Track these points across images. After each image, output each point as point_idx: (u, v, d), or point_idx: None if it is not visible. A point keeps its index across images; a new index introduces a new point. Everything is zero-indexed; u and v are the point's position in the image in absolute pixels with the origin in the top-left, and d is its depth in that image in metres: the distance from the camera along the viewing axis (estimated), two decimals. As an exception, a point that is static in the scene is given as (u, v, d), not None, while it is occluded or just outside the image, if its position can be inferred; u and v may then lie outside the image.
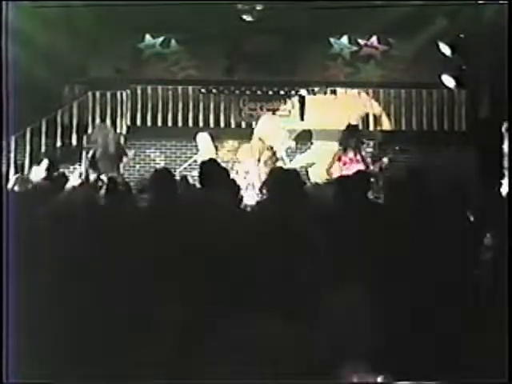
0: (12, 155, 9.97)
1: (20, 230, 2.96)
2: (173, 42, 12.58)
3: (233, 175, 9.32)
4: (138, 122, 11.71)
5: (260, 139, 9.68)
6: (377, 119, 11.86)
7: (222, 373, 2.23)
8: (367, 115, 11.82)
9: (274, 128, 10.15)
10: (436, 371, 2.58)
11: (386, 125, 11.90)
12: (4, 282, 2.70)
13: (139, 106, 11.70)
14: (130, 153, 9.18)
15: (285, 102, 12.01)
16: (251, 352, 2.25)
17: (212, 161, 5.06)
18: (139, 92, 11.73)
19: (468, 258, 4.09)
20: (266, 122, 10.35)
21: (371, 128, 11.72)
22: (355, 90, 11.95)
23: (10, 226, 2.99)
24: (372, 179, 6.08)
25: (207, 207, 3.30)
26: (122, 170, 8.97)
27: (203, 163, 4.81)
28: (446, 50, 10.45)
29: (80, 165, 8.71)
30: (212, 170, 4.62)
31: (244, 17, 10.61)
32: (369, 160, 9.61)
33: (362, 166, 8.86)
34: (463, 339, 2.93)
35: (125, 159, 7.95)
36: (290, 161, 10.48)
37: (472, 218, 4.56)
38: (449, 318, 3.17)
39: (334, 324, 2.43)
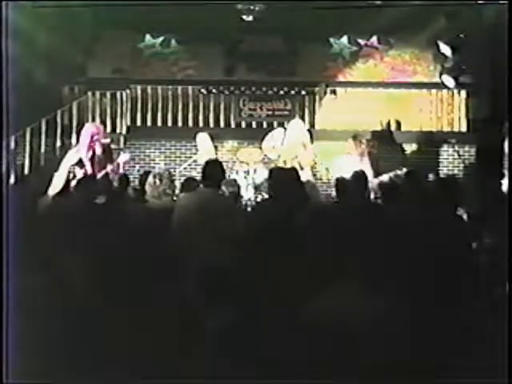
0: (12, 155, 9.95)
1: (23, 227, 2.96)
2: (173, 42, 12.60)
3: (233, 175, 9.35)
4: (138, 122, 11.70)
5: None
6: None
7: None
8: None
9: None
10: (436, 371, 2.58)
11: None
12: (4, 282, 2.70)
13: (139, 106, 11.70)
14: (123, 157, 8.97)
15: (285, 102, 11.97)
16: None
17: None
18: (139, 92, 11.73)
19: (468, 258, 4.09)
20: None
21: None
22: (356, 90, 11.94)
23: (11, 223, 2.99)
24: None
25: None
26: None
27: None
28: (446, 50, 10.45)
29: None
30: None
31: (244, 17, 10.62)
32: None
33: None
34: (463, 339, 2.93)
35: (109, 167, 7.91)
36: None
37: (472, 218, 4.57)
38: (448, 318, 3.17)
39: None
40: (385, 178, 8.85)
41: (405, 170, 8.89)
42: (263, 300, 2.75)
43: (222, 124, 11.72)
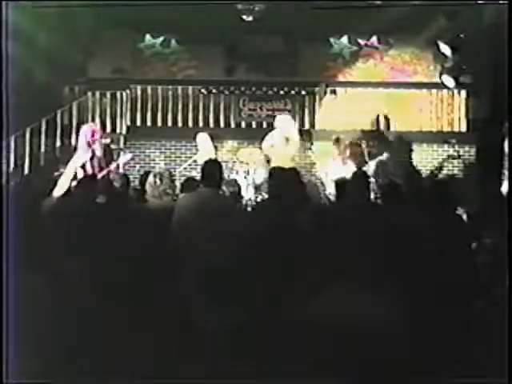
0: (12, 155, 9.95)
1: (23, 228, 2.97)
2: (173, 42, 12.59)
3: (233, 175, 9.34)
4: (138, 122, 11.71)
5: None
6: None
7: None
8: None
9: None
10: (436, 371, 2.58)
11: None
12: (4, 282, 2.69)
13: (139, 106, 11.70)
14: (124, 157, 9.01)
15: (285, 102, 11.97)
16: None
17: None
18: (139, 92, 11.73)
19: (468, 258, 4.10)
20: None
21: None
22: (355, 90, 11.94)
23: (11, 222, 2.99)
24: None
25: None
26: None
27: None
28: (446, 50, 10.44)
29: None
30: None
31: (244, 17, 10.61)
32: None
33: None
34: (463, 340, 2.94)
35: (109, 166, 7.94)
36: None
37: (472, 218, 4.57)
38: (449, 318, 3.17)
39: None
40: (372, 165, 8.95)
41: (387, 155, 8.98)
42: (263, 300, 2.75)
43: (222, 124, 11.72)
